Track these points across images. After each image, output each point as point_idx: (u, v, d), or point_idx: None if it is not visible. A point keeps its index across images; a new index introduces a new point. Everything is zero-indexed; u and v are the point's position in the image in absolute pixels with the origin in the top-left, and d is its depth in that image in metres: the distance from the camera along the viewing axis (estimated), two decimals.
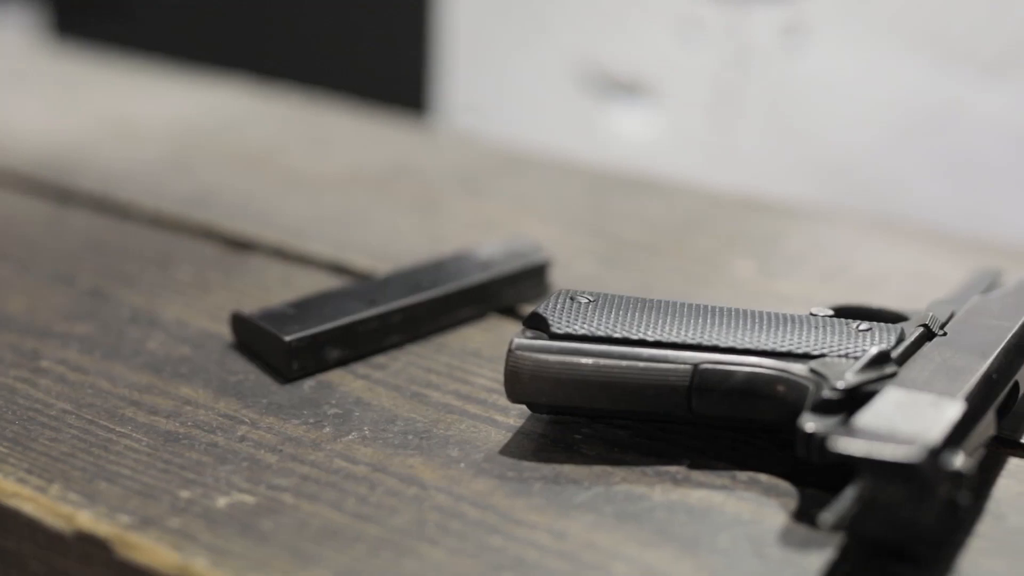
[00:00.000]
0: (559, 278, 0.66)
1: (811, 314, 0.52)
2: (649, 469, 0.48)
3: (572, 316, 0.50)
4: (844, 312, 0.54)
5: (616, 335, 0.49)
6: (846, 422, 0.43)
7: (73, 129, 0.93)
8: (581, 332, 0.49)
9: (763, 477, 0.48)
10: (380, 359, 0.58)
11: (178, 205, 0.77)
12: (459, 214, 0.79)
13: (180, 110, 0.99)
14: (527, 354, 0.48)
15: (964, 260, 0.69)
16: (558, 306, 0.50)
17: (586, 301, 0.51)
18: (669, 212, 0.80)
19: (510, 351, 0.49)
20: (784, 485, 0.47)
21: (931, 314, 0.52)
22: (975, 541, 0.44)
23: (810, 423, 0.44)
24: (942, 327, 0.52)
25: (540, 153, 0.94)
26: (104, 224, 0.75)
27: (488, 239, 0.70)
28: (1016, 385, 0.49)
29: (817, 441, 0.43)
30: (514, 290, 0.62)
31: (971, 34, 1.07)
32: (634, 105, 1.23)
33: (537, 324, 0.50)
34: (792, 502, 0.46)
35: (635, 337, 0.48)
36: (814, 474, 0.47)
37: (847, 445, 0.41)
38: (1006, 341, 0.50)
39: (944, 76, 1.08)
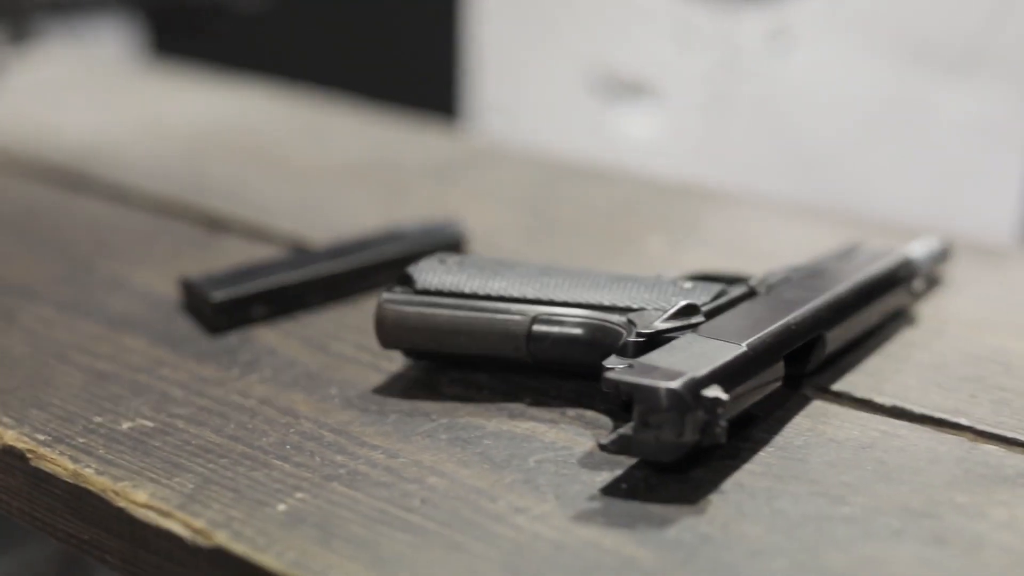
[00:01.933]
0: (485, 251, 0.72)
1: (657, 276, 0.57)
2: (494, 406, 0.53)
3: (435, 275, 0.55)
4: (697, 276, 0.59)
5: (466, 290, 0.54)
6: None
7: (110, 128, 1.02)
8: (438, 287, 0.54)
9: (589, 413, 0.53)
10: (304, 316, 0.64)
11: (177, 190, 0.84)
12: (421, 199, 0.85)
13: (205, 110, 1.07)
14: (390, 306, 0.54)
15: (859, 238, 0.73)
16: (426, 267, 0.56)
17: (451, 263, 0.56)
18: (608, 198, 0.85)
19: (378, 303, 0.55)
20: (605, 420, 0.52)
21: (760, 277, 0.57)
22: (749, 465, 0.48)
23: (610, 362, 0.49)
24: (770, 287, 0.56)
25: (516, 148, 0.99)
26: (108, 207, 0.82)
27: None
28: (821, 338, 0.53)
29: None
30: None
31: (938, 38, 1.09)
32: (637, 106, 1.27)
33: (405, 281, 0.55)
34: (606, 433, 0.51)
35: (482, 292, 0.54)
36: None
37: (620, 375, 0.46)
38: (819, 299, 0.54)
39: (914, 76, 1.10)
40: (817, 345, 0.54)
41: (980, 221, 1.08)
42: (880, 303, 0.59)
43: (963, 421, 0.51)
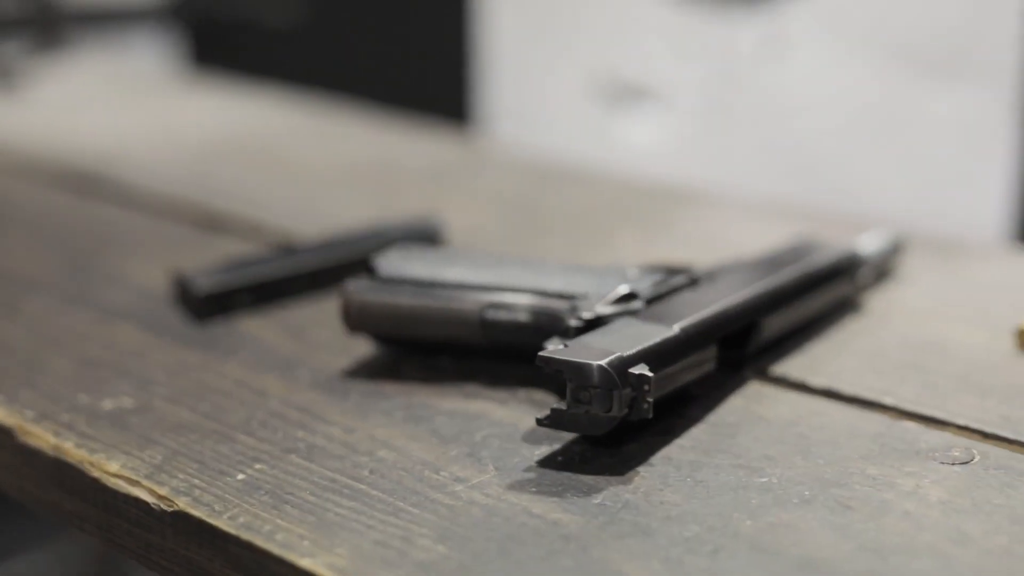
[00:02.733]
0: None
1: (608, 265, 0.59)
2: (450, 387, 0.56)
3: (398, 264, 0.58)
4: (648, 267, 0.61)
5: (424, 278, 0.57)
6: None
7: (125, 135, 1.06)
8: (399, 275, 0.57)
9: (538, 394, 0.55)
10: (286, 306, 0.67)
11: (182, 192, 0.88)
12: (411, 199, 0.88)
13: (220, 118, 1.11)
14: (354, 293, 0.57)
15: (822, 232, 0.75)
16: (390, 256, 0.59)
17: (415, 252, 0.59)
18: (590, 199, 0.87)
19: (343, 290, 0.58)
20: (553, 400, 0.55)
21: (706, 267, 0.59)
22: (679, 440, 0.51)
23: (550, 343, 0.51)
24: (712, 276, 0.59)
25: (512, 152, 1.02)
26: (116, 207, 0.86)
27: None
28: (757, 324, 0.56)
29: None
30: None
31: (926, 44, 1.11)
32: (640, 112, 1.29)
33: (370, 270, 0.58)
34: None
35: (439, 280, 0.57)
36: None
37: (553, 354, 0.48)
38: (755, 287, 0.57)
39: (904, 81, 1.12)
40: (753, 331, 0.56)
41: (968, 220, 1.09)
42: (821, 292, 0.61)
43: (888, 401, 0.54)
